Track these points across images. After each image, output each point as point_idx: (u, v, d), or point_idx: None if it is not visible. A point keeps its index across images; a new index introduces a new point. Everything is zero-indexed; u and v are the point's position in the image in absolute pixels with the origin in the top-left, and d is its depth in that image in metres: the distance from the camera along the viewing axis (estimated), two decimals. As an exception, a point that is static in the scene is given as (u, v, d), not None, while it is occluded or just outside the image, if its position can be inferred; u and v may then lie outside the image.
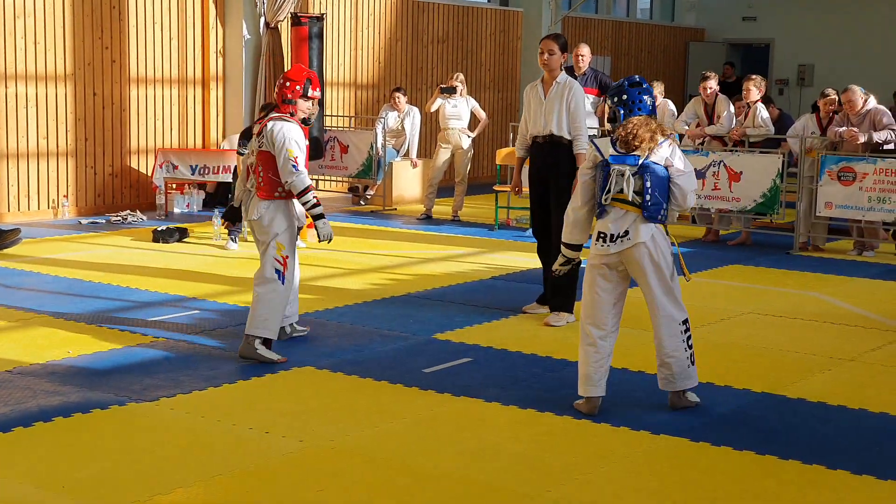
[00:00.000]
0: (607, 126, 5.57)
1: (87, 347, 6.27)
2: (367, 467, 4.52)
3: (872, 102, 10.03)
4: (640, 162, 5.14)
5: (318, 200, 5.99)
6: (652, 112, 5.31)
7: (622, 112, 5.27)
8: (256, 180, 6.06)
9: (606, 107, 5.42)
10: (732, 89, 12.59)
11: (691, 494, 4.30)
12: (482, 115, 12.23)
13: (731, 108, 10.78)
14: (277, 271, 6.00)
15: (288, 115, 6.06)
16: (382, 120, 12.88)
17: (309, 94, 6.10)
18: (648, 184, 5.12)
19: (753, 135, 10.59)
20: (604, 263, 5.26)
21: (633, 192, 5.14)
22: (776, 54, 20.50)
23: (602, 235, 5.22)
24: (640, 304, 6.81)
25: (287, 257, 6.04)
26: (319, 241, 6.13)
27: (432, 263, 9.36)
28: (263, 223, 6.02)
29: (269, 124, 6.00)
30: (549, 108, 7.18)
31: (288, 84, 6.08)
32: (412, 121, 13.07)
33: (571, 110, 7.13)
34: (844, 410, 5.40)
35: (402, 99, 12.90)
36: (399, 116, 13.08)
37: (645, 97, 5.28)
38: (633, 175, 5.14)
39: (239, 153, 10.00)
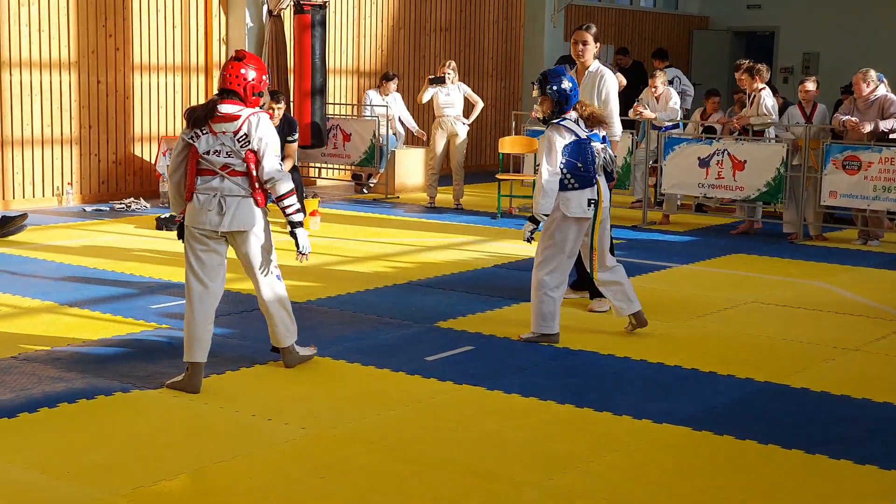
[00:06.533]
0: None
1: (92, 334, 6.29)
2: (369, 454, 4.53)
3: (882, 90, 9.97)
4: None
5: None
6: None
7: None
8: None
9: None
10: (629, 76, 12.68)
11: (693, 483, 4.31)
12: (476, 99, 12.16)
13: (770, 99, 10.53)
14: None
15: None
16: (367, 106, 13.10)
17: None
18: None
19: (757, 123, 10.56)
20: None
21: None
22: (781, 42, 20.42)
23: (593, 202, 6.23)
24: (646, 294, 6.81)
25: None
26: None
27: (434, 251, 9.36)
28: None
29: None
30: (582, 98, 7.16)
31: None
32: (398, 104, 13.19)
33: (604, 98, 7.17)
34: (848, 400, 5.40)
35: (392, 86, 13.11)
36: (384, 100, 13.16)
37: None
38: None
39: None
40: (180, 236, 5.52)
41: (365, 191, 13.48)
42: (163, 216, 10.20)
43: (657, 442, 4.76)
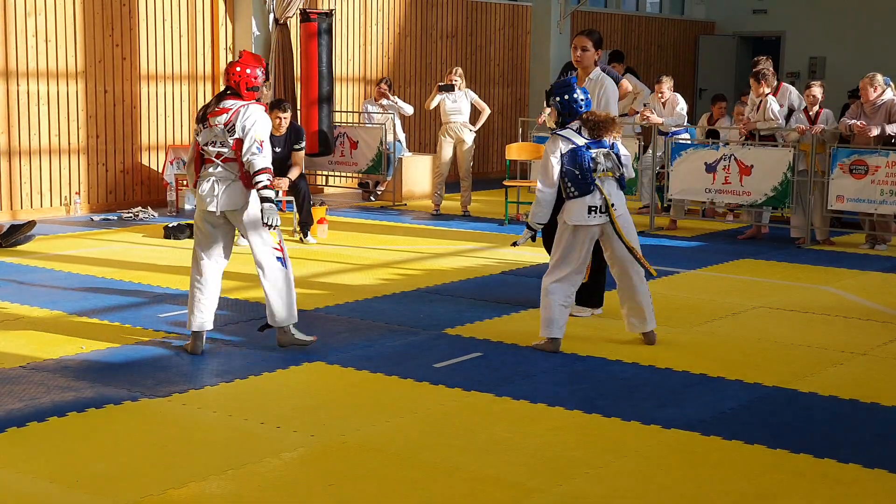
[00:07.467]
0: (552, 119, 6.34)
1: (100, 343, 6.30)
2: (377, 462, 4.53)
3: (889, 94, 9.96)
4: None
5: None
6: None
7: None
8: None
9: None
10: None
11: (702, 489, 4.30)
12: (483, 106, 12.14)
13: (775, 104, 10.48)
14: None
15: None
16: (366, 114, 13.16)
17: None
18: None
19: (763, 128, 10.55)
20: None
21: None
22: (787, 47, 20.41)
23: (594, 209, 6.19)
24: (653, 300, 6.80)
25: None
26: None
27: (442, 258, 9.37)
28: None
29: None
30: None
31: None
32: (395, 105, 13.22)
33: (603, 106, 7.13)
34: (856, 404, 5.40)
35: (387, 90, 13.11)
36: (383, 103, 13.14)
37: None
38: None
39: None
40: None
41: (372, 198, 13.50)
42: (170, 225, 10.22)
43: (666, 447, 4.75)
